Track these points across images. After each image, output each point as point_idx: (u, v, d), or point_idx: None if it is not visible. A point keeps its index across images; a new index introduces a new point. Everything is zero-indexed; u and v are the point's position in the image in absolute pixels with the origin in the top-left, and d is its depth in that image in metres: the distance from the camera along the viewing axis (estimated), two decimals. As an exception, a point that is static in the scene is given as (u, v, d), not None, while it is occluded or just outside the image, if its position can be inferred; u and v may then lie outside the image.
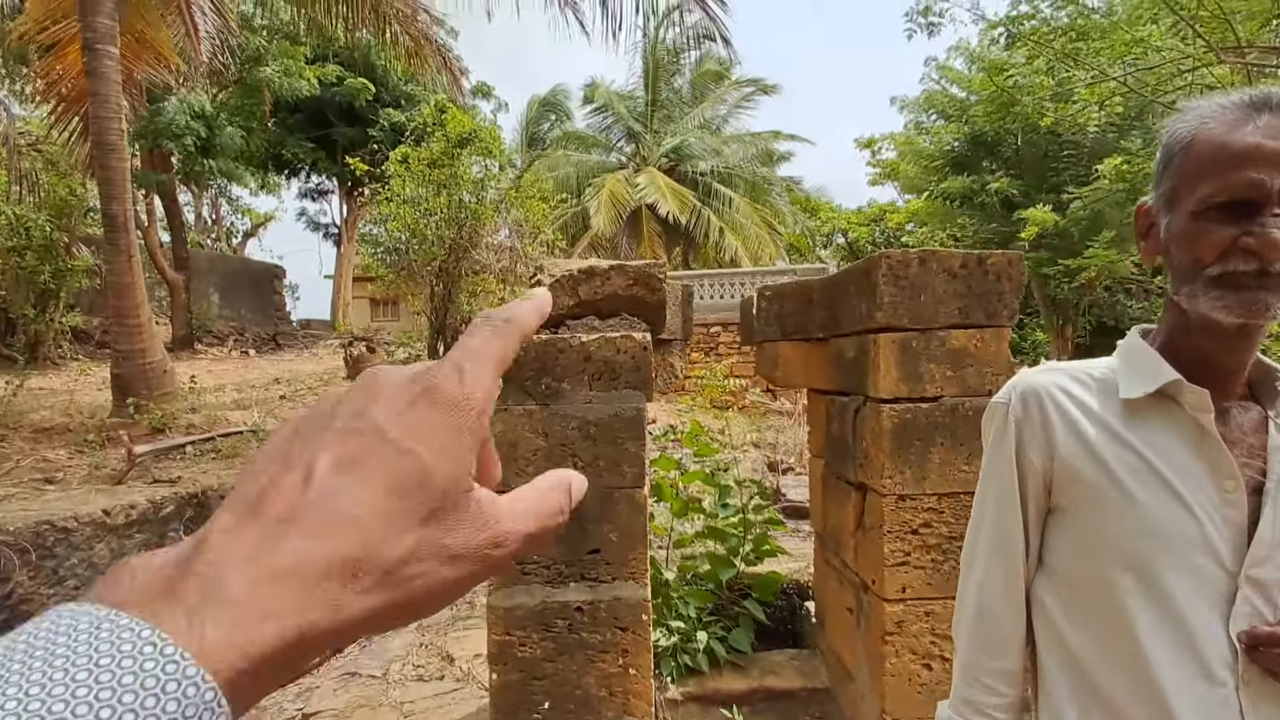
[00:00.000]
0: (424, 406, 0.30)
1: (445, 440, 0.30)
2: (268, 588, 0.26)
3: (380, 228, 13.41)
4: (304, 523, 0.28)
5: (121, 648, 0.23)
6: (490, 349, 0.34)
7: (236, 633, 0.25)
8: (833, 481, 2.93)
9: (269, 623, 0.26)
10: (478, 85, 16.16)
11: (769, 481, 8.13)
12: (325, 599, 0.27)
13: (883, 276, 2.34)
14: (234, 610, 0.25)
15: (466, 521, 0.30)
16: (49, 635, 0.24)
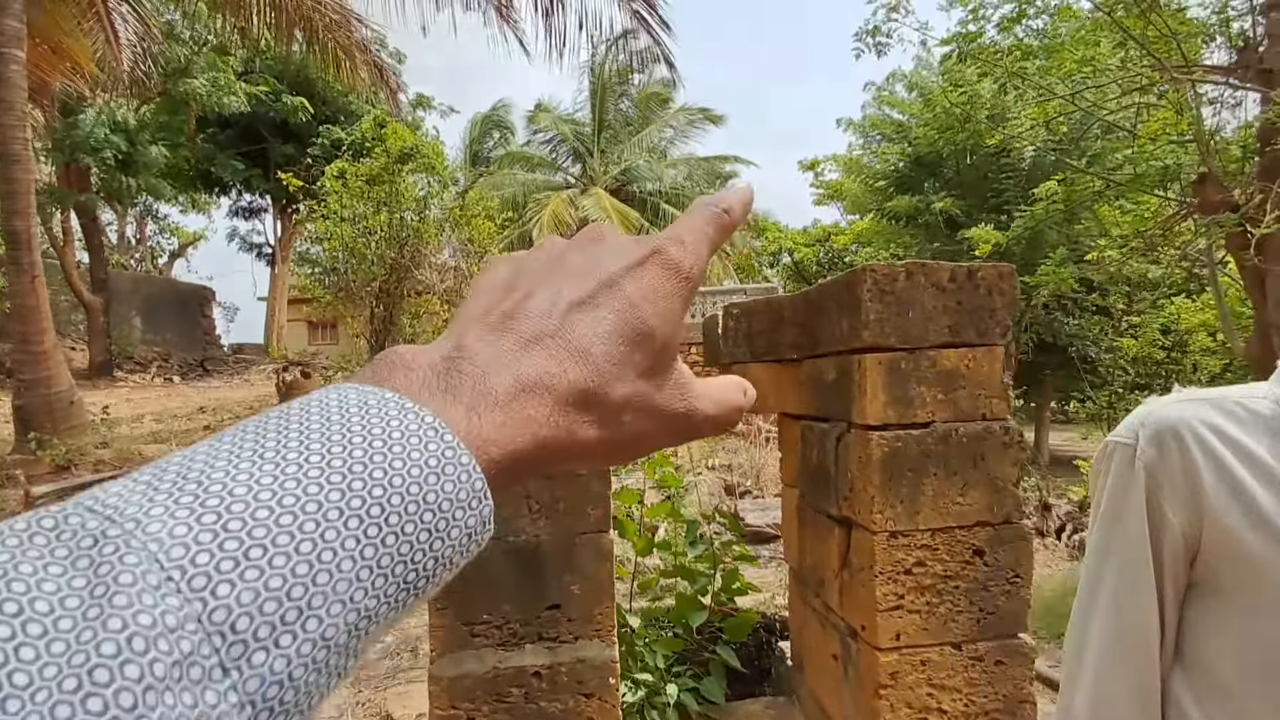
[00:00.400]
0: (653, 268, 0.34)
1: (667, 304, 0.33)
2: (525, 398, 0.29)
3: (317, 247, 12.86)
4: (550, 346, 0.31)
5: (409, 426, 0.25)
6: (708, 231, 0.37)
7: (503, 431, 0.28)
8: (810, 515, 2.71)
9: (524, 426, 0.28)
10: (417, 98, 15.76)
11: (726, 505, 7.91)
12: (565, 419, 0.30)
13: (868, 291, 2.14)
14: (501, 412, 0.28)
15: (672, 385, 0.34)
16: (341, 407, 0.25)
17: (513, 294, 0.33)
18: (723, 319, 3.09)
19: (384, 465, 0.24)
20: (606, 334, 0.31)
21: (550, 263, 0.34)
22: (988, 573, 2.19)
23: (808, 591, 2.81)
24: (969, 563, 2.18)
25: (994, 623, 2.19)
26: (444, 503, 0.25)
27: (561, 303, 0.32)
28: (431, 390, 0.28)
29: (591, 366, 0.31)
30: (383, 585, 0.23)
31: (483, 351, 0.30)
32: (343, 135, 11.82)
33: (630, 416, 0.32)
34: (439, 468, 0.25)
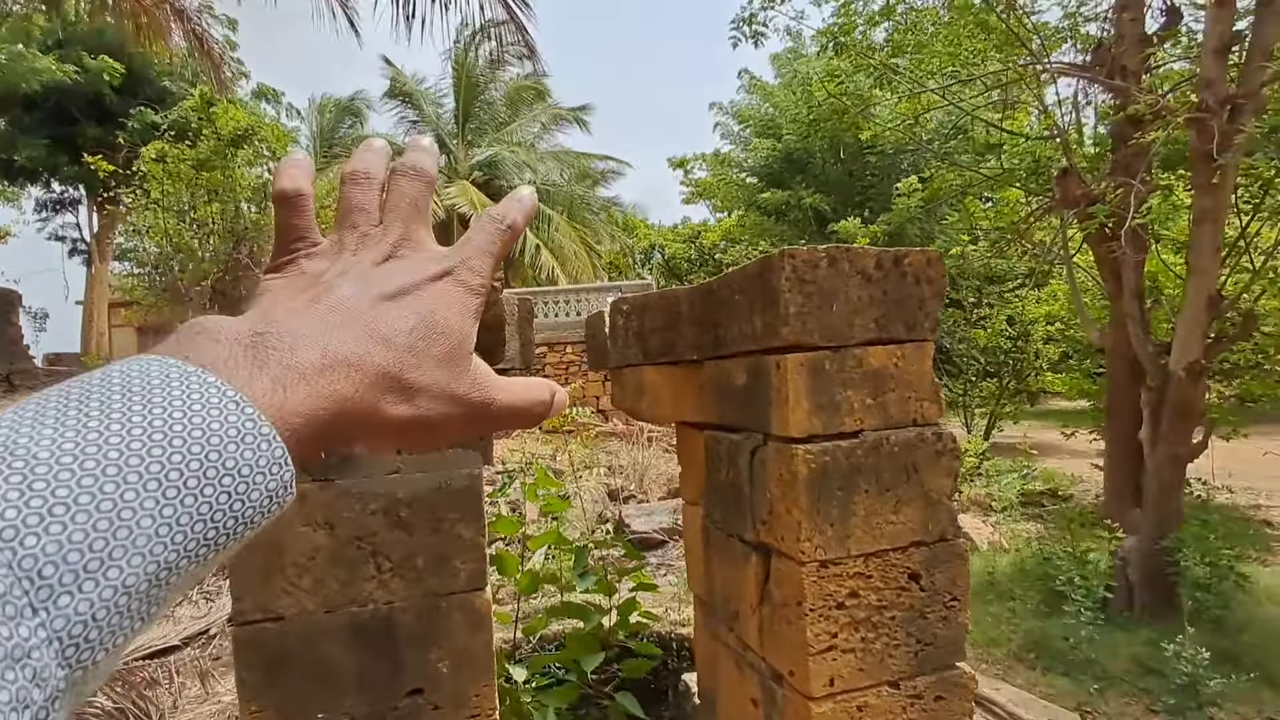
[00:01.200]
0: (448, 283, 0.39)
1: (459, 310, 0.39)
2: (332, 372, 0.32)
3: (138, 241, 11.32)
4: (357, 330, 0.35)
5: (209, 400, 0.27)
6: (493, 248, 0.42)
7: (308, 403, 0.31)
8: (720, 539, 2.37)
9: (329, 399, 0.32)
10: (261, 87, 14.28)
11: (610, 512, 7.56)
12: (370, 396, 0.33)
13: (786, 281, 1.82)
14: (307, 384, 0.31)
15: (469, 376, 0.38)
16: (143, 379, 0.27)
17: (321, 282, 0.37)
18: (610, 316, 2.71)
19: (183, 434, 0.26)
20: (408, 328, 0.36)
21: (356, 265, 0.39)
22: (924, 598, 1.93)
23: (718, 624, 2.48)
24: (904, 589, 1.92)
25: (932, 654, 1.94)
26: (244, 468, 0.27)
27: (368, 295, 0.37)
28: (237, 363, 0.30)
29: (394, 352, 0.35)
30: (182, 540, 0.25)
31: (292, 327, 0.33)
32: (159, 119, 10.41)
33: (429, 402, 0.36)
34: (239, 437, 0.27)
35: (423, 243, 0.42)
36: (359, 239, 0.41)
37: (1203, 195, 4.36)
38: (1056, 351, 11.53)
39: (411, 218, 0.42)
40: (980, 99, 5.63)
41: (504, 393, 0.40)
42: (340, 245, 0.41)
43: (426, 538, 1.61)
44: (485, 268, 0.41)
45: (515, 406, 0.40)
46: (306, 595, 1.34)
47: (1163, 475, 4.94)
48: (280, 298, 0.36)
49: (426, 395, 0.36)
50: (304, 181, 0.43)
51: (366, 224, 0.42)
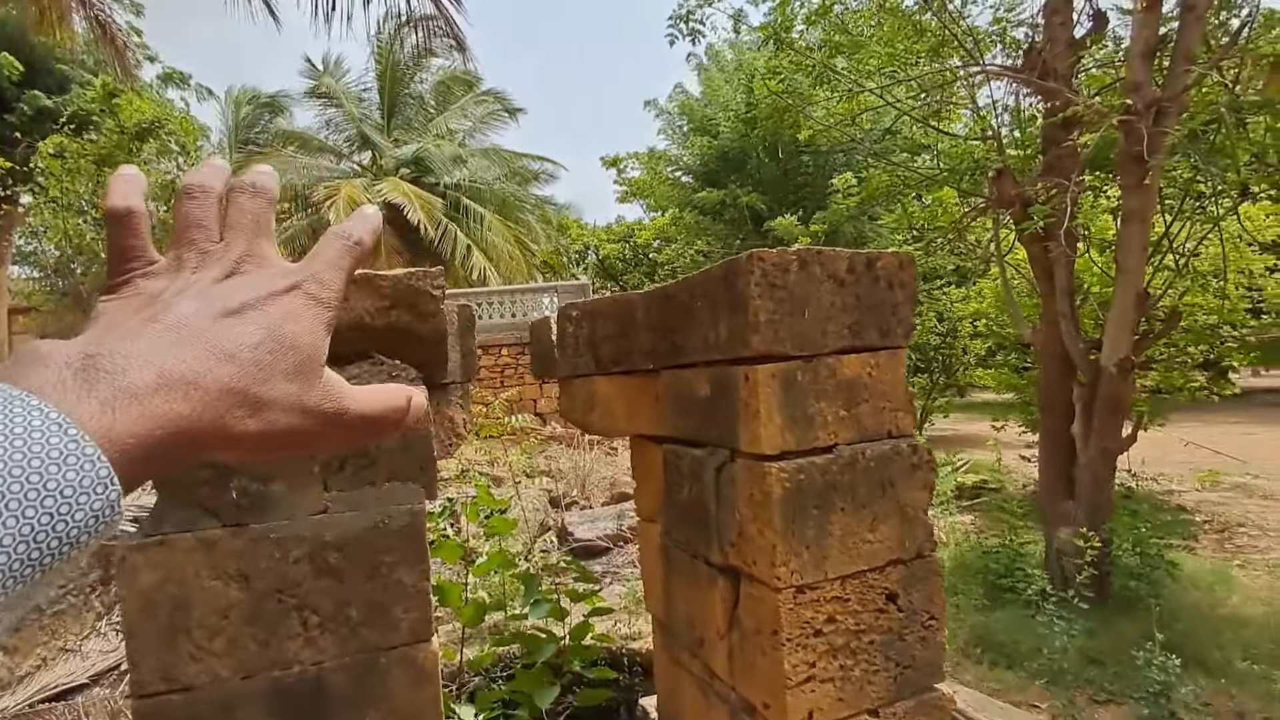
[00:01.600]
0: (296, 296, 0.39)
1: (309, 323, 0.38)
2: (167, 392, 0.32)
3: (36, 242, 10.44)
4: (197, 347, 0.34)
5: (31, 423, 0.28)
6: (342, 263, 0.42)
7: (140, 424, 0.31)
8: (682, 559, 2.23)
9: (164, 419, 0.32)
10: (169, 72, 13.39)
11: (552, 520, 7.35)
12: (213, 413, 0.33)
13: (755, 286, 1.68)
14: (138, 405, 0.31)
15: (320, 388, 0.38)
16: None
17: (160, 301, 0.37)
18: (558, 323, 2.53)
19: (2, 458, 0.26)
20: (254, 342, 0.36)
21: (196, 283, 0.38)
22: (902, 620, 1.83)
23: (679, 649, 2.34)
24: (882, 610, 1.81)
25: (911, 677, 1.84)
26: (65, 489, 0.27)
27: (209, 311, 0.36)
28: (65, 386, 0.30)
29: (239, 367, 0.35)
30: (4, 562, 0.26)
31: (124, 349, 0.33)
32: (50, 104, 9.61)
33: (279, 414, 0.36)
34: (60, 459, 0.28)
35: (267, 258, 0.41)
36: (199, 256, 0.40)
37: (1131, 196, 4.46)
38: (983, 347, 11.89)
39: (254, 233, 0.42)
40: (915, 100, 5.67)
41: (357, 402, 0.40)
42: (179, 263, 0.40)
43: (360, 585, 1.40)
44: (335, 281, 0.41)
45: (369, 415, 0.40)
46: (219, 660, 1.12)
47: (1095, 468, 5.06)
48: (116, 319, 0.36)
49: (275, 408, 0.36)
50: (136, 198, 0.41)
51: (206, 240, 0.41)
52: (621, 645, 4.07)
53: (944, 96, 5.43)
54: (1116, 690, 4.34)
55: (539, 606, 2.51)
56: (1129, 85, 4.39)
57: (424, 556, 1.43)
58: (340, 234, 0.43)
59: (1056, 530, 5.29)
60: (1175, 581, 5.14)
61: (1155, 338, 4.90)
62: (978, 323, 11.01)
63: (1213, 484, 8.93)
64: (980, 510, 8.14)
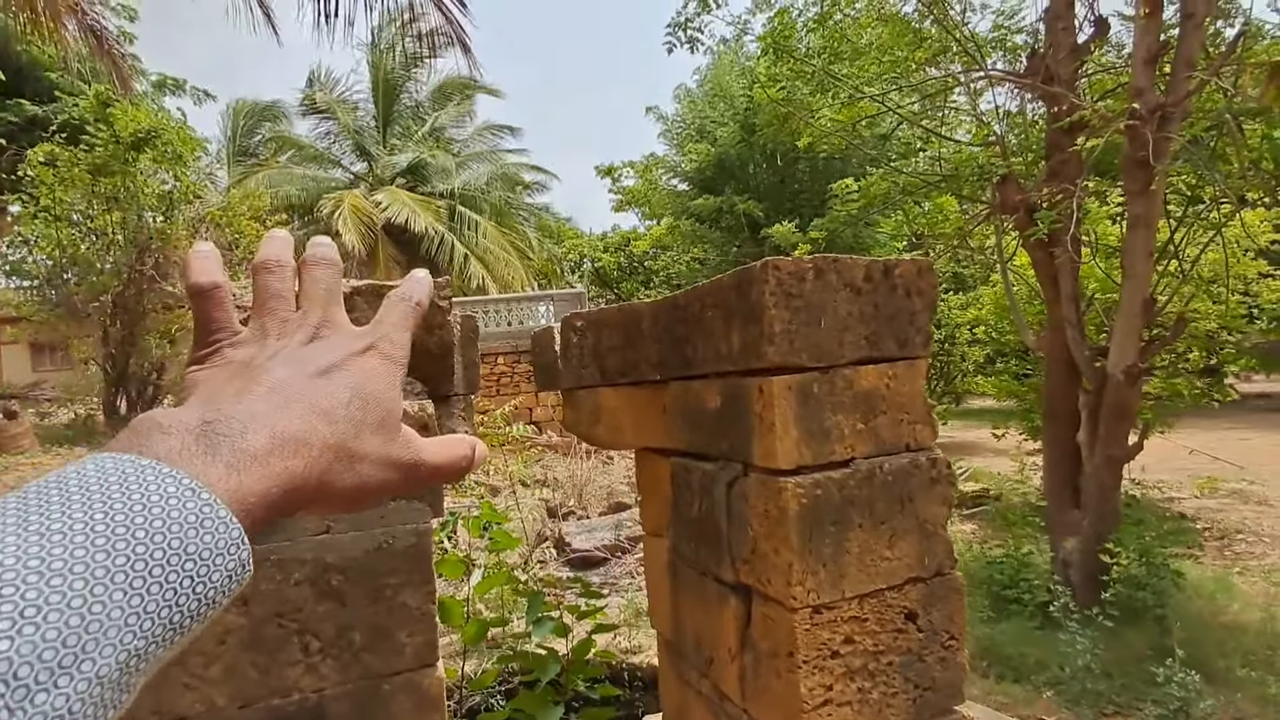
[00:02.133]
0: (373, 357, 0.42)
1: (386, 381, 0.42)
2: (280, 451, 0.34)
3: (27, 252, 10.35)
4: (299, 409, 0.36)
5: (166, 490, 0.29)
6: (407, 323, 0.46)
7: (261, 484, 0.33)
8: (691, 576, 2.17)
9: (281, 477, 0.34)
10: (164, 79, 13.34)
11: (550, 530, 7.27)
12: (317, 470, 0.36)
13: (770, 295, 1.63)
14: (259, 466, 0.33)
15: (400, 441, 0.41)
16: (100, 477, 0.28)
17: (252, 370, 0.39)
18: (561, 333, 2.47)
19: (145, 526, 0.27)
20: (345, 400, 0.39)
21: (284, 349, 0.41)
22: (921, 640, 1.77)
23: (688, 668, 2.27)
24: (901, 630, 1.75)
25: (931, 700, 1.78)
26: (204, 552, 0.29)
27: (303, 374, 0.39)
28: (191, 453, 0.32)
29: (337, 425, 0.37)
30: (150, 627, 0.27)
31: (238, 412, 0.35)
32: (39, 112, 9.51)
33: (371, 468, 0.39)
34: (197, 523, 0.29)
35: (341, 324, 0.44)
36: (280, 324, 0.43)
37: (1135, 201, 4.44)
38: (982, 354, 11.87)
39: (328, 301, 0.45)
40: (916, 106, 5.65)
41: (432, 453, 0.43)
42: (264, 331, 0.42)
43: (364, 609, 1.34)
44: (403, 340, 0.45)
45: (442, 465, 0.43)
46: (216, 688, 1.06)
47: (1101, 477, 5.01)
48: (216, 385, 0.38)
49: (368, 462, 0.38)
50: (218, 273, 0.43)
51: (285, 309, 0.44)
52: (622, 660, 3.99)
53: (945, 102, 5.40)
54: (1124, 702, 4.28)
55: (543, 625, 2.44)
56: (1132, 91, 4.37)
57: (429, 578, 1.37)
58: (402, 297, 0.47)
59: (1062, 540, 5.23)
60: (1180, 591, 5.09)
61: (1162, 344, 4.86)
62: (976, 329, 10.99)
63: (1211, 491, 8.89)
64: (982, 519, 8.09)
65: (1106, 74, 5.27)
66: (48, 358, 20.96)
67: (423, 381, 1.52)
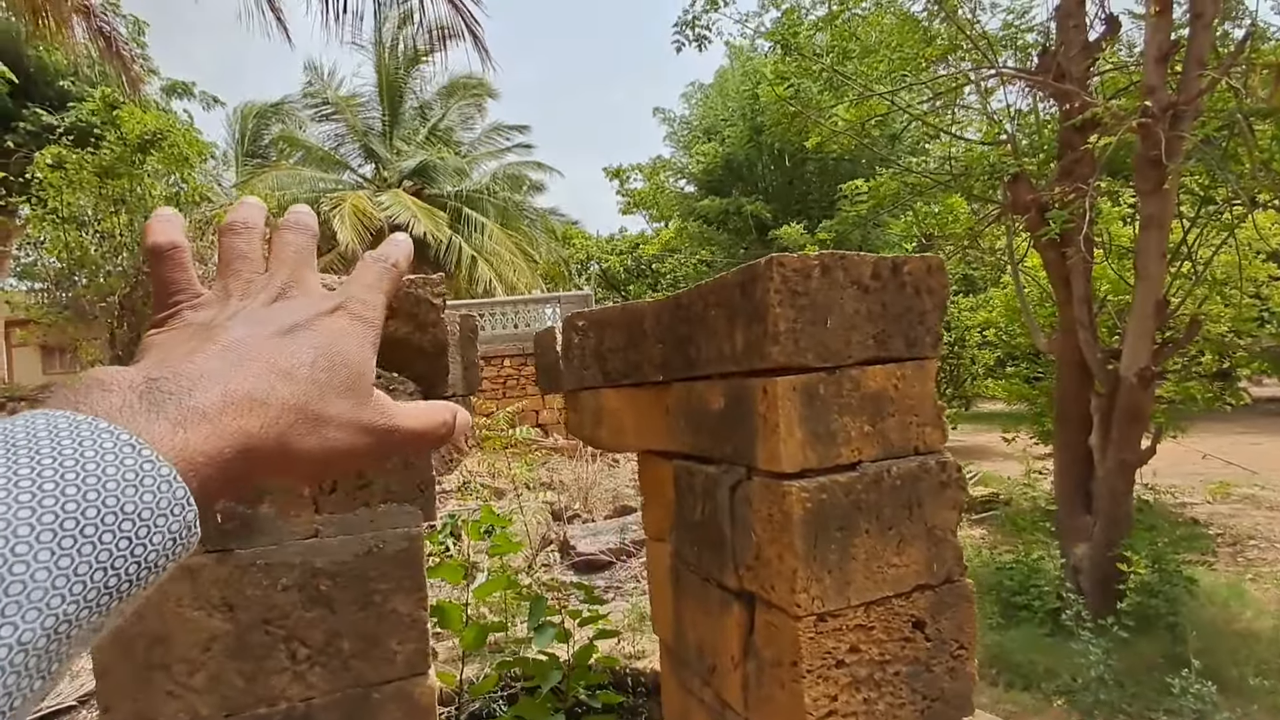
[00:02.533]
0: (341, 316, 0.40)
1: (356, 342, 0.39)
2: (234, 410, 0.32)
3: (37, 255, 10.40)
4: (256, 367, 0.34)
5: (103, 446, 0.27)
6: (381, 284, 0.43)
7: (210, 443, 0.30)
8: (693, 582, 2.12)
9: (233, 437, 0.31)
10: (173, 83, 13.40)
11: (554, 533, 7.23)
12: (275, 430, 0.33)
13: (775, 293, 1.58)
14: (208, 424, 0.31)
15: (372, 405, 0.38)
16: (28, 432, 0.26)
17: (213, 326, 0.37)
18: (564, 334, 2.43)
19: (76, 482, 0.25)
20: (309, 360, 0.36)
21: (245, 309, 0.38)
22: (930, 649, 1.72)
23: (690, 676, 2.22)
24: (908, 639, 1.70)
25: (939, 711, 1.72)
26: (143, 511, 0.26)
27: (263, 333, 0.36)
28: (133, 410, 0.29)
29: (298, 385, 0.35)
30: (81, 591, 0.24)
31: (187, 369, 0.32)
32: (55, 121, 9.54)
33: (337, 432, 0.36)
34: (136, 480, 0.27)
35: (311, 286, 0.42)
36: (244, 285, 0.41)
37: (1148, 201, 4.37)
38: (992, 357, 11.77)
39: (297, 263, 0.43)
40: (926, 105, 5.59)
41: (407, 418, 0.40)
42: (226, 293, 0.40)
43: (353, 615, 1.30)
44: (376, 301, 0.42)
45: (418, 430, 0.41)
46: (200, 697, 1.02)
47: (1113, 482, 4.94)
48: (168, 347, 0.36)
49: (333, 425, 0.36)
50: (177, 234, 0.42)
51: (250, 271, 0.42)
52: (626, 665, 3.94)
53: (956, 100, 5.34)
54: (1136, 712, 4.20)
55: (544, 632, 2.39)
56: (1144, 89, 4.30)
57: (421, 584, 1.33)
58: (377, 258, 0.45)
59: (1073, 545, 5.16)
60: (1193, 598, 5.00)
61: (1175, 347, 4.79)
62: (986, 332, 10.89)
63: (1224, 496, 8.77)
64: (991, 524, 8.00)
65: (1118, 72, 5.21)
66: (58, 360, 21.09)
67: (416, 381, 1.48)
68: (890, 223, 9.65)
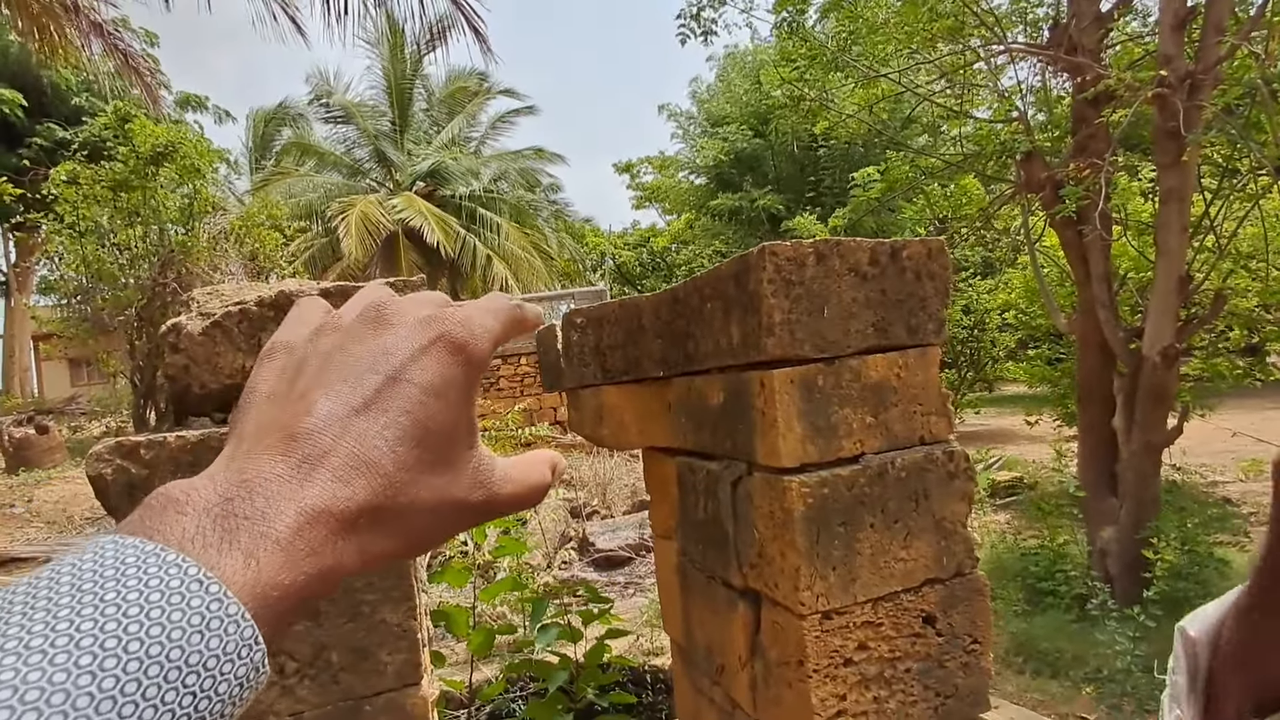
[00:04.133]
0: (438, 353, 0.33)
1: (455, 393, 0.33)
2: (309, 531, 0.28)
3: (57, 269, 10.56)
4: (334, 465, 0.30)
5: (170, 584, 0.24)
6: (500, 314, 0.37)
7: (284, 573, 0.27)
8: (700, 580, 2.08)
9: (308, 561, 0.28)
10: (186, 96, 13.52)
11: (573, 530, 7.22)
12: (354, 541, 0.30)
13: (768, 283, 1.53)
14: (282, 553, 0.27)
15: (468, 475, 0.34)
16: (94, 569, 0.25)
17: (292, 401, 0.32)
18: (563, 331, 2.40)
19: (139, 635, 0.23)
20: (395, 438, 0.31)
21: (330, 354, 0.34)
22: (941, 644, 1.66)
23: (700, 676, 2.18)
24: (919, 635, 1.65)
25: (953, 708, 1.67)
26: (209, 660, 0.24)
27: (344, 409, 0.31)
28: (205, 538, 0.27)
29: (382, 478, 0.31)
30: None
31: (263, 484, 0.29)
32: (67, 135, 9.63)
33: (423, 517, 0.32)
34: (203, 624, 0.24)
35: (405, 307, 0.36)
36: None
37: (1167, 174, 4.24)
38: (1013, 339, 11.57)
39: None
40: (936, 84, 5.47)
41: (505, 483, 0.36)
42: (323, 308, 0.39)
43: (341, 627, 1.27)
44: (485, 331, 0.35)
45: (518, 497, 0.37)
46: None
47: (1138, 463, 4.82)
48: (256, 436, 0.31)
49: (424, 512, 0.32)
50: None
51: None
52: (644, 663, 3.92)
53: (965, 78, 5.22)
54: (1170, 698, 4.10)
55: (546, 632, 2.36)
56: (1160, 58, 4.17)
57: (410, 594, 1.30)
58: (503, 296, 0.39)
59: (1099, 529, 5.04)
60: (1224, 580, 4.86)
61: (1199, 323, 4.65)
62: (1006, 314, 10.71)
63: (1256, 473, 8.56)
64: (1016, 509, 7.87)
65: (1133, 43, 5.06)
66: (84, 372, 21.50)
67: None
68: (904, 207, 9.50)
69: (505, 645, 3.85)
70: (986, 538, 6.73)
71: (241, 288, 1.47)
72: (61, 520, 8.58)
